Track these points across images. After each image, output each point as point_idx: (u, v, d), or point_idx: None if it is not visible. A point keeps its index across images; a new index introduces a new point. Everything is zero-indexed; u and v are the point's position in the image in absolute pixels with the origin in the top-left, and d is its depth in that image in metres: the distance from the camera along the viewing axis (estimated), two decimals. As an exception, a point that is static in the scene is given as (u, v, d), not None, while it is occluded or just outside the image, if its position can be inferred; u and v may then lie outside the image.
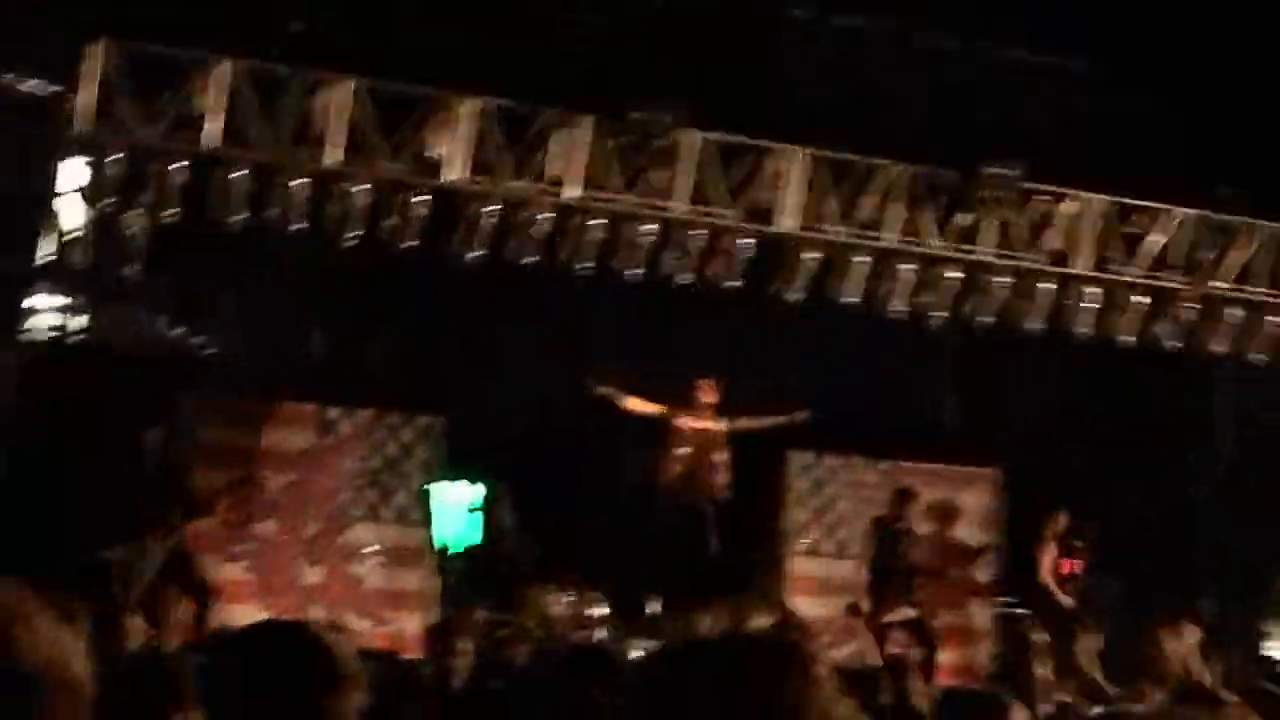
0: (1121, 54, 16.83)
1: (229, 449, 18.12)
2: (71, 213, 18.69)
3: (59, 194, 16.97)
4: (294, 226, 15.79)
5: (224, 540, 17.29)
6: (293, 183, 15.68)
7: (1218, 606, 19.41)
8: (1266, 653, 19.30)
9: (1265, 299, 18.98)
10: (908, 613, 17.84)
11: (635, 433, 19.28)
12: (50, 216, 17.90)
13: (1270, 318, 18.97)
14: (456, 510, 21.18)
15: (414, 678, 14.27)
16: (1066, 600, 18.27)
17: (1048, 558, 18.57)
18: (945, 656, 18.13)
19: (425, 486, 18.81)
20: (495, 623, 18.33)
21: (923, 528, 18.61)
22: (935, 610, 18.36)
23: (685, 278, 17.20)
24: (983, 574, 19.38)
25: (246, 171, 15.49)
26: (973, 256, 18.10)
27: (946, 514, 19.01)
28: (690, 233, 17.14)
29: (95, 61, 14.96)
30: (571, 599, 18.43)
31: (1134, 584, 18.95)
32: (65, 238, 19.11)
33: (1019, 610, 19.03)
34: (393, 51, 15.87)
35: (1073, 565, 18.56)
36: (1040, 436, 20.19)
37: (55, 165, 15.95)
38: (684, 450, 17.95)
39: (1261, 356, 19.10)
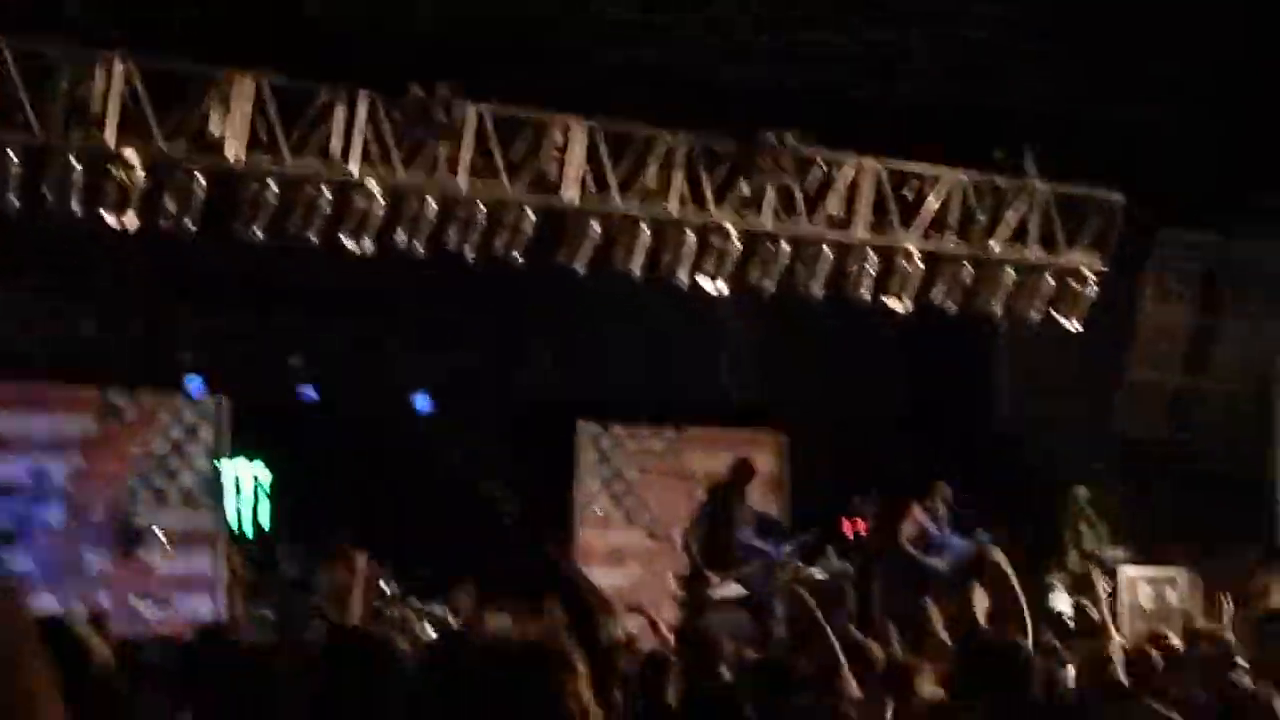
0: (896, 18, 17.03)
1: (11, 436, 17.88)
2: None
3: None
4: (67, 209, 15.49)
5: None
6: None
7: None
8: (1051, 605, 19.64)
9: (1039, 261, 19.29)
10: (738, 590, 17.92)
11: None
12: None
13: (1044, 279, 19.29)
14: (246, 493, 21.08)
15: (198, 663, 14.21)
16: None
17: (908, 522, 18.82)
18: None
19: (215, 468, 18.65)
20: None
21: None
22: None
23: (470, 253, 17.14)
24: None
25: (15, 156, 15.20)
26: (753, 225, 18.21)
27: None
28: (474, 208, 17.08)
29: None
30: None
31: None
32: None
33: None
34: (167, 29, 15.69)
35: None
36: (823, 403, 20.43)
37: None
38: None
39: (1036, 317, 19.40)
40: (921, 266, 18.80)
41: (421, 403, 20.60)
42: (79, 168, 15.40)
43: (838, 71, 17.21)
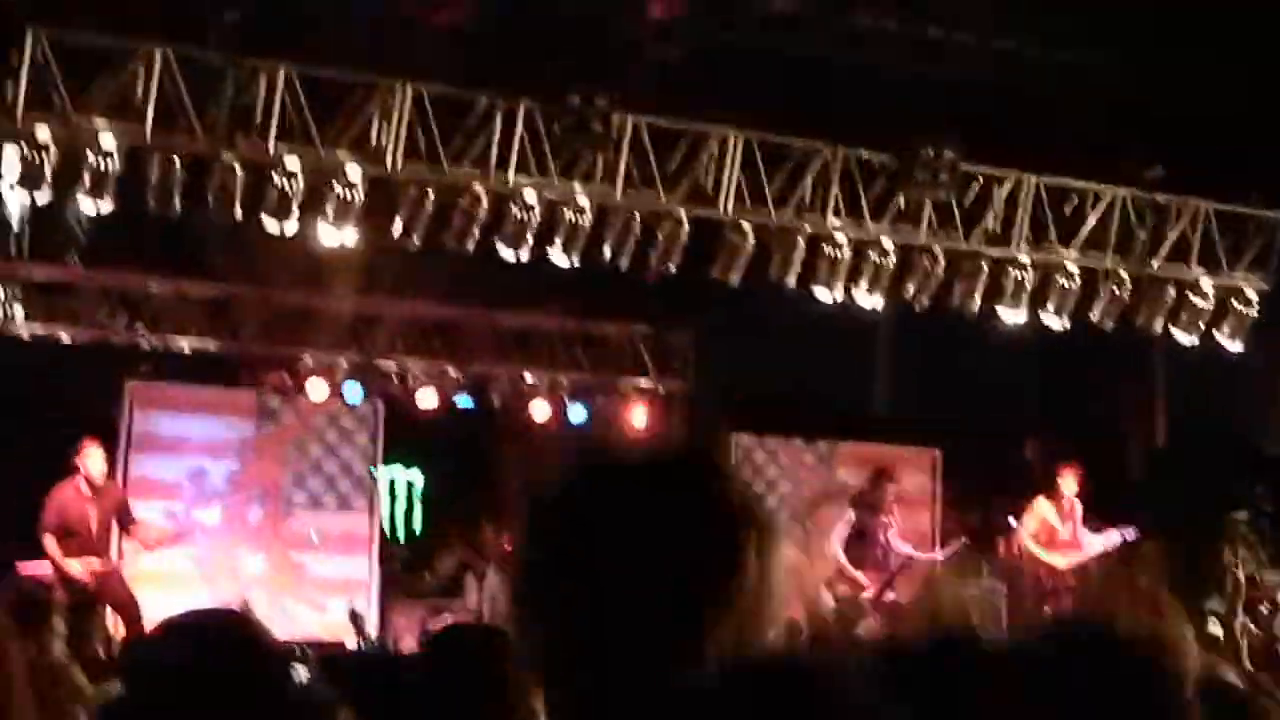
0: (1055, 34, 16.89)
1: (171, 438, 18.14)
2: (12, 203, 18.67)
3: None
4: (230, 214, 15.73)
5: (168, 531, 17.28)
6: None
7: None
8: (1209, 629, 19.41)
9: (1197, 278, 19.07)
10: (887, 595, 17.90)
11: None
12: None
13: (1199, 299, 19.04)
14: (399, 497, 21.27)
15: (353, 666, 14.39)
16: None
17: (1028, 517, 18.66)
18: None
19: (370, 473, 18.83)
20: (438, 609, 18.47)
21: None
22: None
23: (625, 263, 17.22)
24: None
25: (179, 162, 15.42)
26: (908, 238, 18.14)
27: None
28: (627, 217, 17.14)
29: (28, 49, 14.91)
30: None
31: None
32: (7, 228, 19.14)
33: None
34: (325, 38, 15.88)
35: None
36: (977, 418, 20.31)
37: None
38: None
39: (1193, 338, 19.16)
40: (1079, 283, 18.62)
41: (577, 414, 20.66)
42: (241, 174, 15.61)
43: (997, 83, 17.07)
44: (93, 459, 16.22)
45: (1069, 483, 18.53)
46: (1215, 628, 19.07)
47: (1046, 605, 18.30)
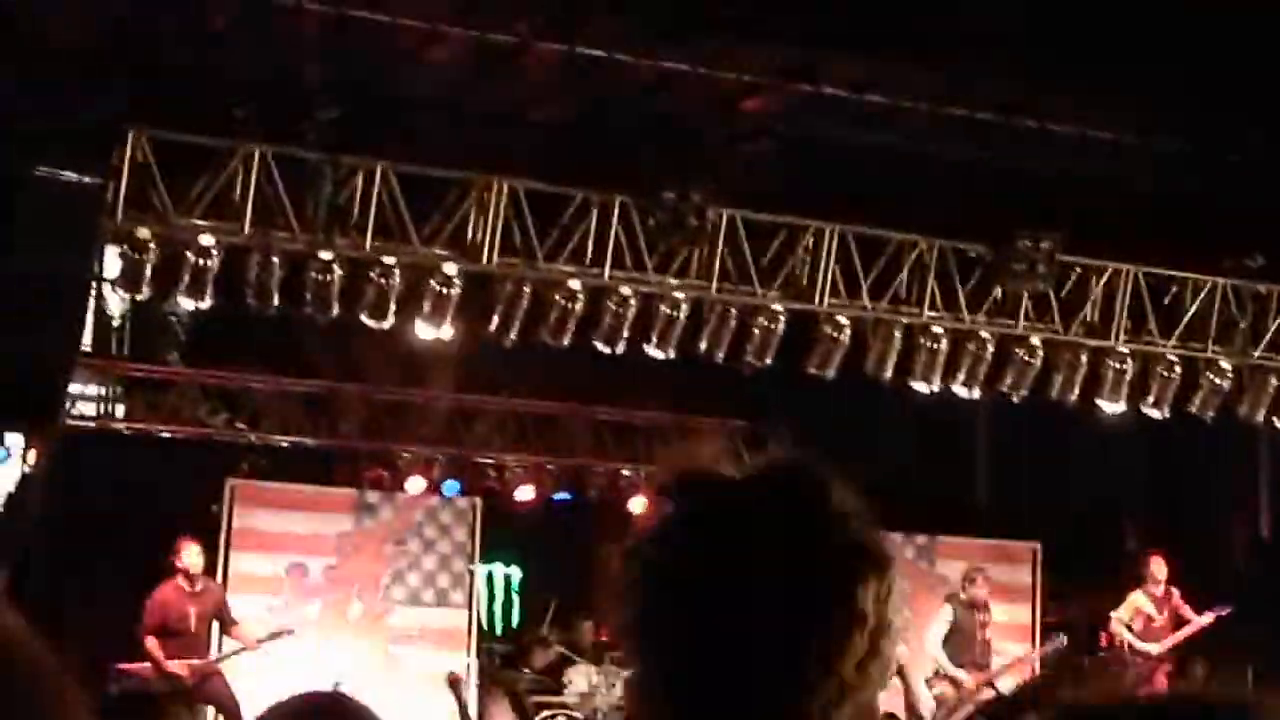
0: (1153, 124, 16.82)
1: (271, 534, 18.22)
2: (114, 301, 18.90)
3: (101, 282, 17.16)
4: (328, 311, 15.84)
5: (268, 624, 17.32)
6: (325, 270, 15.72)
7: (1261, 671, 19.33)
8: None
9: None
10: (987, 694, 17.72)
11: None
12: (93, 304, 18.11)
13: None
14: (497, 591, 21.28)
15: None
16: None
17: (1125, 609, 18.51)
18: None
19: (469, 568, 18.84)
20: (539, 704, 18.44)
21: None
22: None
23: (720, 356, 17.23)
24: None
25: (277, 260, 15.55)
26: (1006, 329, 18.06)
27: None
28: (723, 311, 17.16)
29: (129, 149, 15.10)
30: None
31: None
32: (109, 325, 19.37)
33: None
34: (421, 135, 16.00)
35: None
36: (1079, 510, 20.18)
37: (96, 254, 16.11)
38: None
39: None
40: (1179, 373, 18.48)
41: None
42: (339, 271, 15.73)
43: (1094, 173, 17.00)
44: (191, 556, 16.31)
45: (1159, 568, 18.38)
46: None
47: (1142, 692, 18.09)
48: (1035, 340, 18.09)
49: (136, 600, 16.25)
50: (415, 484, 19.50)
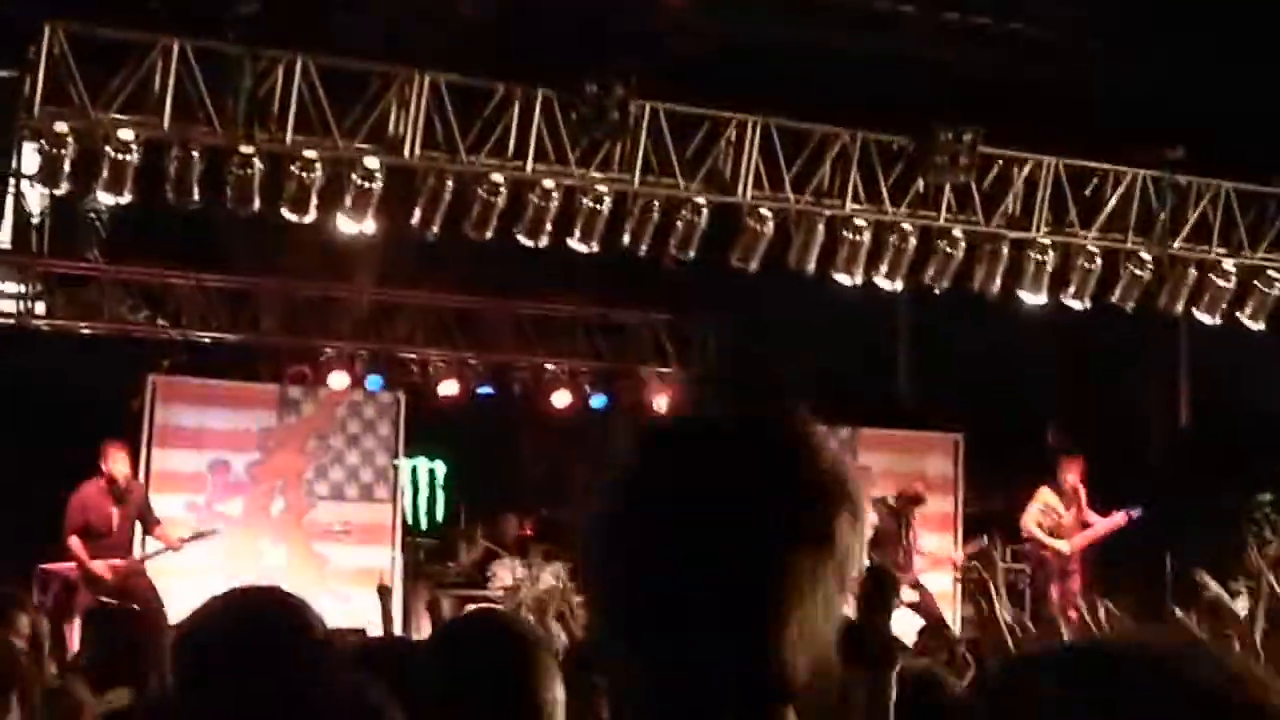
0: (1072, 17, 16.85)
1: (192, 430, 18.18)
2: (32, 198, 18.73)
3: (19, 178, 17.01)
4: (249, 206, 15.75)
5: (191, 522, 17.30)
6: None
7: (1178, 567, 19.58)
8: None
9: (1218, 258, 19.01)
10: (912, 595, 17.87)
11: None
12: (11, 200, 17.94)
13: (1220, 280, 18.99)
14: (422, 486, 21.30)
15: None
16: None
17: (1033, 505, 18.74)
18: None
19: (392, 463, 18.85)
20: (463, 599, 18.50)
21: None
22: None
23: (643, 250, 17.24)
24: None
25: (197, 154, 15.45)
26: (928, 221, 18.11)
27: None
28: (646, 204, 17.15)
29: (45, 44, 14.94)
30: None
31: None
32: (28, 222, 19.19)
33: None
34: (341, 29, 15.89)
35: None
36: (999, 402, 20.31)
37: (14, 149, 15.96)
38: None
39: (1215, 319, 19.11)
40: (1100, 264, 18.59)
41: (597, 402, 20.65)
42: (259, 165, 15.64)
43: (1015, 66, 17.02)
44: (117, 462, 16.28)
45: (1069, 473, 18.62)
46: (1240, 606, 19.01)
47: (1054, 587, 18.44)
48: (957, 232, 18.15)
49: (58, 498, 16.20)
50: (338, 379, 19.45)
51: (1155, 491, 19.45)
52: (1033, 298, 18.50)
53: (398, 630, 17.54)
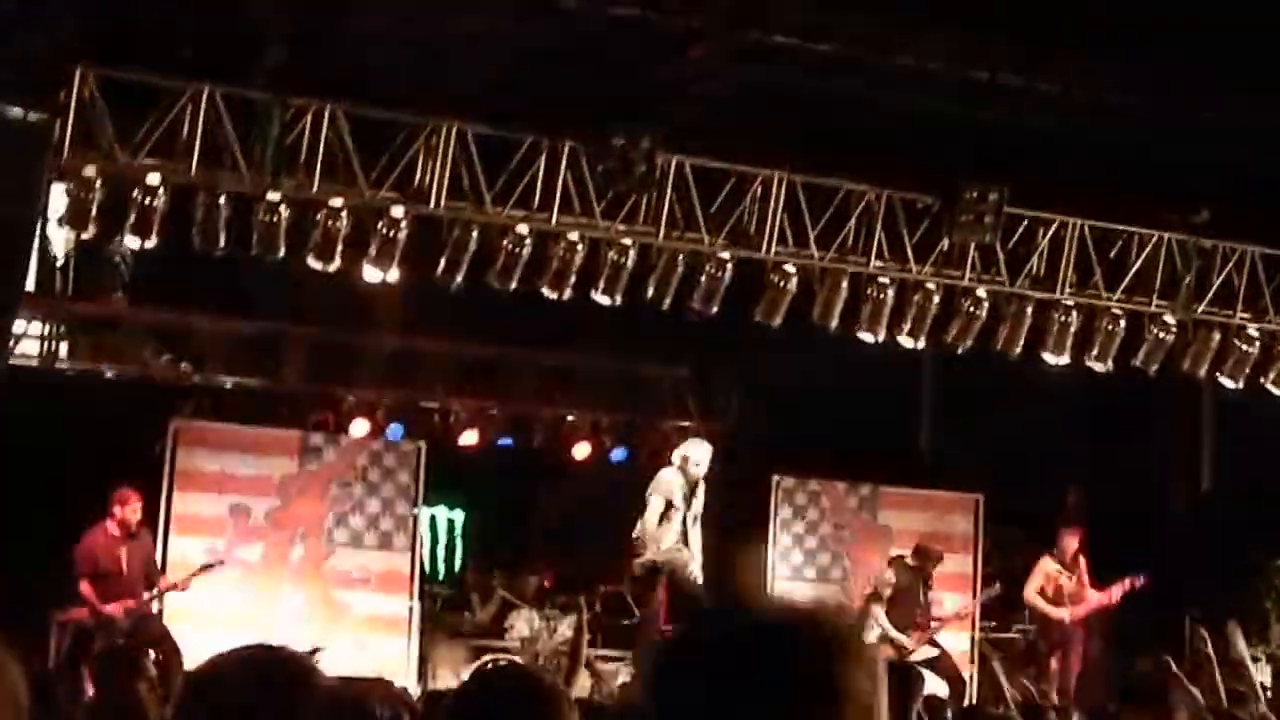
0: (1101, 78, 16.85)
1: (213, 475, 18.18)
2: (58, 240, 18.77)
3: (46, 221, 17.04)
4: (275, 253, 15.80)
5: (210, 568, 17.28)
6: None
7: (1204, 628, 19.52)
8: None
9: (1243, 322, 18.96)
10: (930, 651, 17.82)
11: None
12: (39, 243, 17.97)
13: (1245, 344, 18.93)
14: (440, 535, 21.30)
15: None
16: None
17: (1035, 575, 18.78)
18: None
19: (412, 512, 18.83)
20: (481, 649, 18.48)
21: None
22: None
23: (667, 303, 17.25)
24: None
25: (225, 199, 15.50)
26: (952, 280, 18.10)
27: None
28: (670, 258, 17.17)
29: (75, 88, 15.01)
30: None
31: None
32: (53, 264, 19.23)
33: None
34: (369, 78, 15.94)
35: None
36: (1021, 462, 20.27)
37: (42, 192, 16.01)
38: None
39: (1239, 384, 19.05)
40: (1124, 327, 18.56)
41: (617, 454, 20.62)
42: (286, 212, 15.69)
43: (1042, 126, 17.02)
44: (131, 512, 16.31)
45: (1069, 543, 18.68)
46: (1261, 675, 18.97)
47: (1054, 659, 18.47)
48: (981, 292, 18.14)
49: (78, 540, 16.22)
50: (359, 427, 19.47)
51: (1176, 554, 19.41)
52: (1056, 359, 18.48)
53: (415, 679, 17.58)
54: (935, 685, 17.58)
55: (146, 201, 15.24)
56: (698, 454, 16.71)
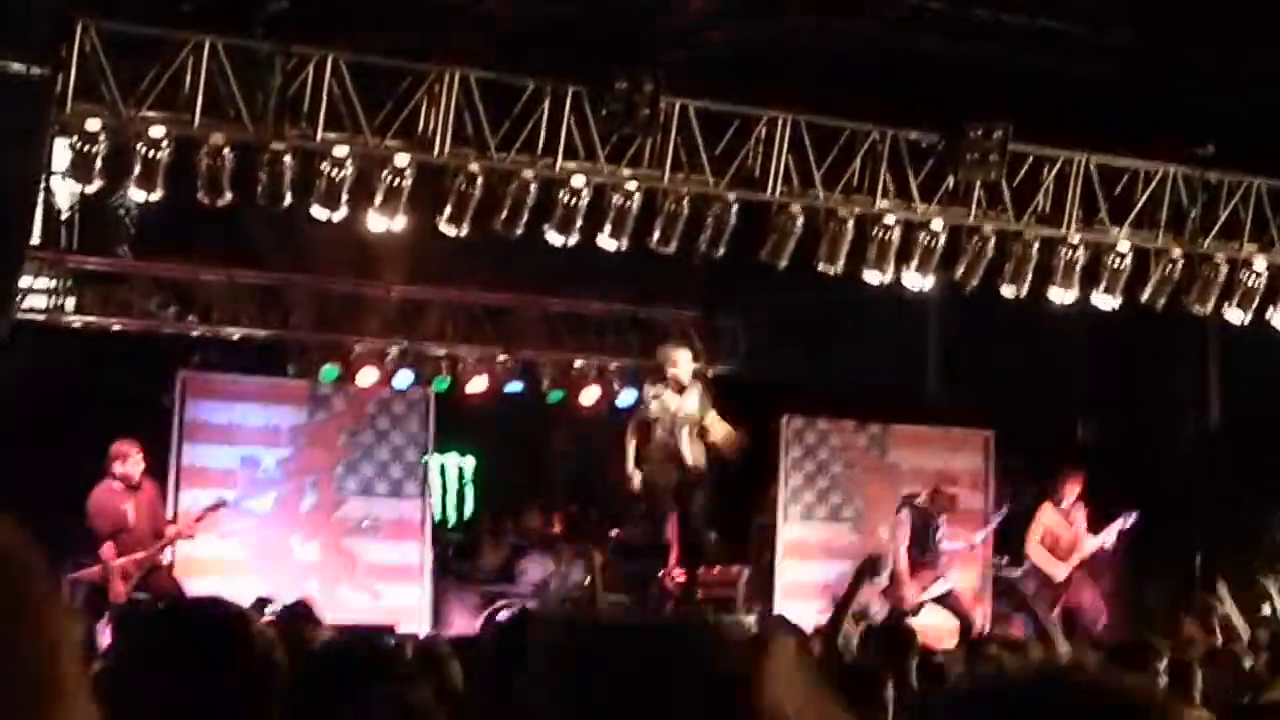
0: (1104, 14, 16.80)
1: (222, 426, 18.20)
2: (62, 194, 18.76)
3: (49, 175, 17.04)
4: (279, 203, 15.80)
5: (221, 517, 17.30)
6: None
7: (1210, 567, 19.61)
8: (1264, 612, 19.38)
9: (1249, 255, 18.94)
10: (942, 586, 17.85)
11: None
12: (43, 198, 17.96)
13: (1251, 277, 18.93)
14: (450, 483, 21.33)
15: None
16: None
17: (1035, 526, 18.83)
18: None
19: (422, 459, 18.85)
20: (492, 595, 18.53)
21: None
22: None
23: (672, 247, 17.26)
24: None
25: (229, 150, 15.49)
26: (958, 219, 18.10)
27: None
28: (675, 201, 17.16)
29: (77, 41, 14.98)
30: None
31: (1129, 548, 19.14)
32: (57, 218, 19.23)
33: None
34: (371, 26, 15.90)
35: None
36: (1028, 400, 20.28)
37: (45, 147, 15.99)
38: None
39: (1246, 315, 19.06)
40: (1130, 262, 18.55)
41: (626, 398, 20.62)
42: (290, 162, 15.68)
43: (1045, 63, 16.98)
44: (132, 465, 16.33)
45: (1071, 489, 18.67)
46: (1269, 608, 19.04)
47: (1056, 607, 18.54)
48: (987, 229, 18.13)
49: (88, 495, 16.26)
50: (367, 375, 19.48)
51: (1185, 490, 19.43)
52: (1063, 295, 18.48)
53: (429, 626, 17.64)
54: (945, 620, 17.68)
55: (150, 154, 15.22)
56: (676, 361, 17.07)
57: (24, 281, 18.11)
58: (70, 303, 19.37)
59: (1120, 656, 10.73)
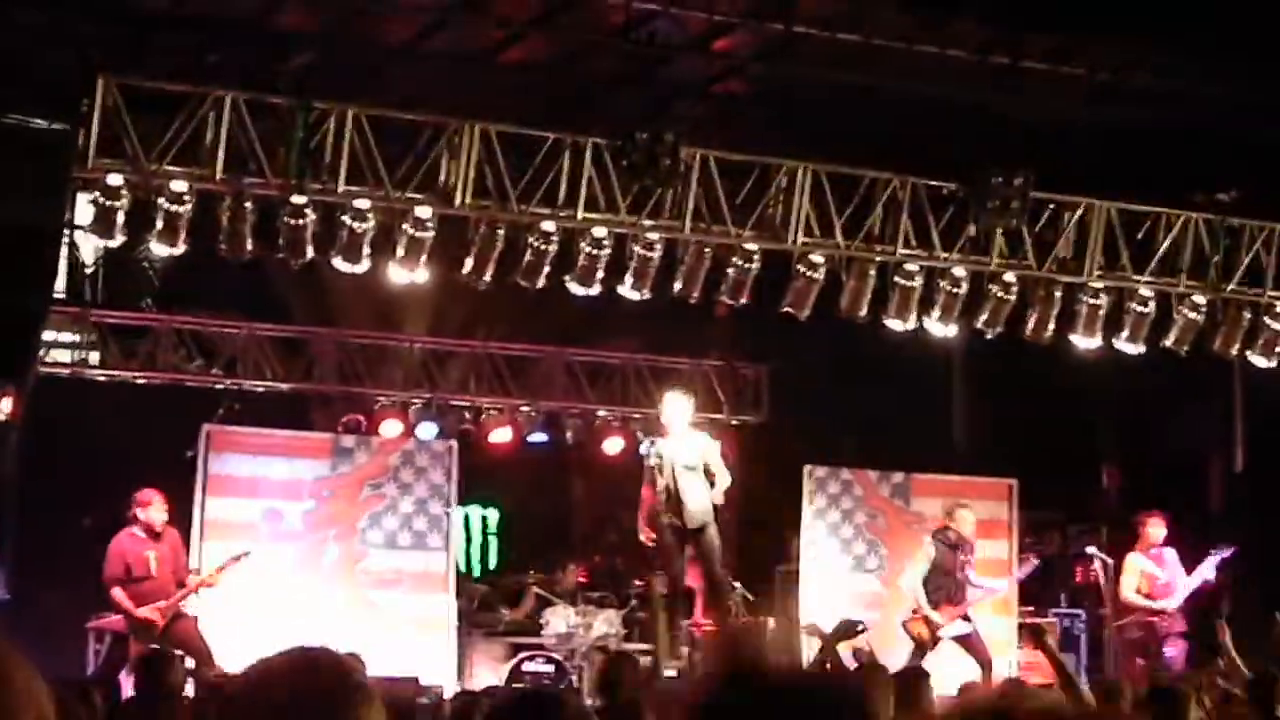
0: (1124, 60, 16.83)
1: (246, 479, 18.20)
2: (87, 248, 18.85)
3: (73, 229, 17.13)
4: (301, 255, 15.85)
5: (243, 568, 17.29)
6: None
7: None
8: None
9: (1272, 300, 18.92)
10: (963, 628, 17.67)
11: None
12: (66, 251, 18.05)
13: (1274, 322, 18.89)
14: (475, 533, 21.32)
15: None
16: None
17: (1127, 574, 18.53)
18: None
19: (445, 511, 18.83)
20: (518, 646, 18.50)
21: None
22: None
23: (694, 296, 17.28)
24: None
25: (251, 204, 15.54)
26: (980, 266, 18.09)
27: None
28: (697, 251, 17.18)
29: (99, 96, 15.05)
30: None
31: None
32: (82, 272, 19.32)
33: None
34: (392, 80, 15.98)
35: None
36: (1052, 446, 20.23)
37: (68, 201, 16.06)
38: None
39: (1270, 363, 19.01)
40: (1153, 308, 18.53)
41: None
42: (312, 215, 15.72)
43: (1066, 110, 17.00)
44: (155, 512, 16.25)
45: (1156, 531, 18.37)
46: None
47: (1161, 652, 18.16)
48: (1009, 276, 18.12)
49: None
50: (391, 427, 19.49)
51: (1211, 535, 19.34)
52: (1086, 342, 18.46)
53: (454, 679, 17.60)
54: (965, 662, 17.53)
55: (172, 208, 15.28)
56: (664, 408, 17.00)
57: (49, 335, 18.17)
58: (94, 356, 19.44)
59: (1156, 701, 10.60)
